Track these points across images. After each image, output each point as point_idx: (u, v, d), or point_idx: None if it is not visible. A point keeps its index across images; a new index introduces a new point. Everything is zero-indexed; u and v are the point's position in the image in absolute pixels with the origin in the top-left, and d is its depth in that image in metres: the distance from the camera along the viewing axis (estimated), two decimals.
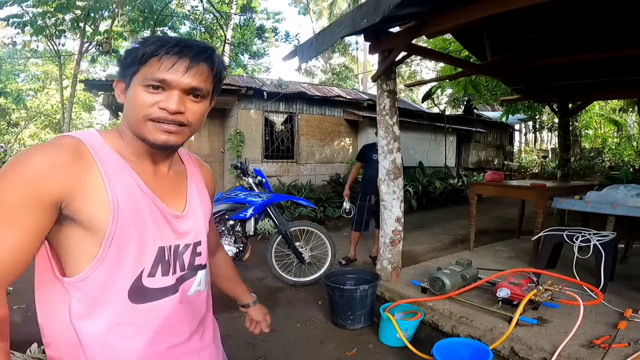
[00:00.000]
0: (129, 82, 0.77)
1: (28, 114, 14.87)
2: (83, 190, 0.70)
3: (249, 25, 13.73)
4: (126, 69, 0.77)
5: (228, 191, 3.81)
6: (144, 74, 0.74)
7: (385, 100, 3.37)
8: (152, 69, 0.74)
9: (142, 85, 0.75)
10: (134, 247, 0.76)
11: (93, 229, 0.72)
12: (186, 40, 0.78)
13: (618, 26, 3.48)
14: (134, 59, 0.75)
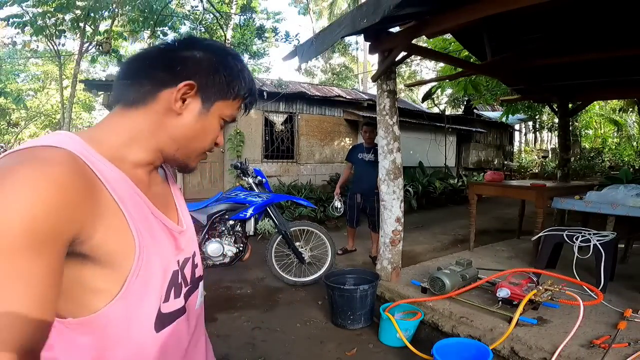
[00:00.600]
0: (211, 105, 0.69)
1: (28, 114, 14.89)
2: (99, 219, 0.57)
3: (249, 25, 13.73)
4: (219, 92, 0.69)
5: (228, 191, 3.81)
6: (230, 107, 0.71)
7: (385, 100, 3.37)
8: (234, 106, 0.72)
9: (220, 117, 0.70)
10: (158, 277, 0.66)
11: (114, 264, 0.59)
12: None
13: (618, 26, 3.48)
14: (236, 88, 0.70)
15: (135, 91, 0.66)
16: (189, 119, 0.68)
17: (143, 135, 0.66)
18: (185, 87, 0.65)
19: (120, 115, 0.67)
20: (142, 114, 0.66)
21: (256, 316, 3.18)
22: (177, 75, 0.66)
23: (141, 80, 0.66)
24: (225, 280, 4.02)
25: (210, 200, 3.64)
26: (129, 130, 0.66)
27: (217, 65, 0.68)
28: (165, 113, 0.66)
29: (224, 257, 3.55)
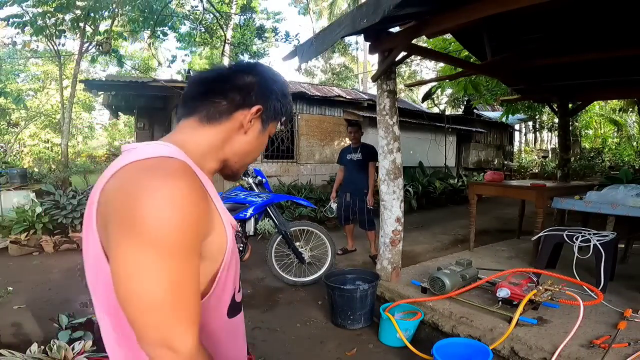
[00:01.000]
0: (267, 125, 0.83)
1: (28, 114, 14.87)
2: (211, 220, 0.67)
3: (249, 25, 13.73)
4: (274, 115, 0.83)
5: (228, 191, 3.81)
6: (276, 126, 0.86)
7: (385, 100, 3.37)
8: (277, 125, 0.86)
9: (267, 134, 0.85)
10: (235, 268, 0.77)
11: (212, 259, 0.69)
12: None
13: (618, 26, 3.48)
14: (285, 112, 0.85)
15: (212, 109, 0.77)
16: (252, 137, 0.82)
17: (216, 147, 0.78)
18: (256, 111, 0.79)
19: (196, 128, 0.77)
20: (217, 129, 0.78)
21: (256, 316, 3.17)
22: (249, 99, 0.79)
23: (219, 100, 0.78)
24: None
25: None
26: (207, 142, 0.77)
27: (278, 93, 0.83)
28: (236, 131, 0.80)
29: None
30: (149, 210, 0.58)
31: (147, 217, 0.58)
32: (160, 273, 0.59)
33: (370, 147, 4.55)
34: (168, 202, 0.59)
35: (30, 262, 4.55)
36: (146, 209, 0.58)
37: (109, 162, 17.41)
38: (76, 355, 2.07)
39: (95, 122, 23.05)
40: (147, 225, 0.58)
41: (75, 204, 5.35)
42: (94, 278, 0.69)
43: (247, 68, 0.82)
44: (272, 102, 0.82)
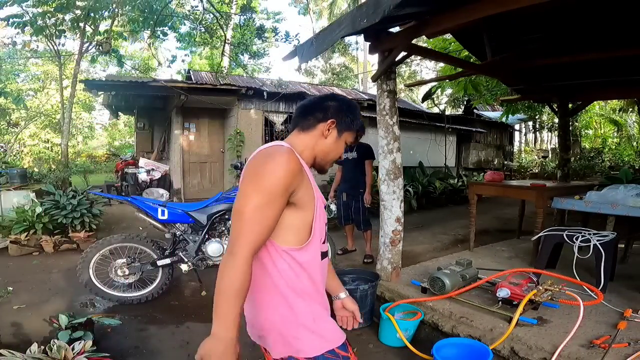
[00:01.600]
0: (342, 134, 1.23)
1: (28, 114, 14.87)
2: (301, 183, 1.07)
3: (249, 25, 13.73)
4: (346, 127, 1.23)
5: (228, 191, 3.81)
6: (350, 136, 1.25)
7: (385, 100, 3.37)
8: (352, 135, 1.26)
9: (344, 141, 1.25)
10: (323, 222, 1.18)
11: (306, 207, 1.11)
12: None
13: (618, 26, 3.48)
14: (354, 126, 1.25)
15: (307, 123, 1.21)
16: (330, 141, 1.22)
17: (309, 147, 1.20)
18: (331, 122, 1.20)
19: (299, 135, 1.22)
20: (309, 136, 1.21)
21: None
22: (327, 115, 1.20)
23: (309, 117, 1.21)
24: None
25: (210, 200, 3.64)
26: (304, 144, 1.20)
27: (347, 112, 1.23)
28: (319, 137, 1.21)
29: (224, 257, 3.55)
30: (265, 167, 1.03)
31: (262, 170, 1.03)
32: (251, 201, 1.00)
33: (366, 145, 4.55)
34: (276, 164, 1.03)
35: (30, 262, 4.55)
36: (263, 167, 1.03)
37: (109, 162, 17.41)
38: (76, 355, 2.07)
39: (95, 122, 23.08)
40: (260, 174, 1.02)
41: (75, 204, 5.35)
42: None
43: (327, 97, 1.25)
44: (343, 117, 1.22)
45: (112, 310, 3.24)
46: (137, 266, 3.38)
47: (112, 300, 3.33)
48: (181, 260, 3.46)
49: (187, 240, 3.53)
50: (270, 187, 1.00)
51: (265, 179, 1.01)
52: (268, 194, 1.00)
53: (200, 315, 3.17)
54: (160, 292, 3.46)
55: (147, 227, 4.47)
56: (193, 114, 8.67)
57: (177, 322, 3.03)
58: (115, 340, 2.72)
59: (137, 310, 3.24)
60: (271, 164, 1.02)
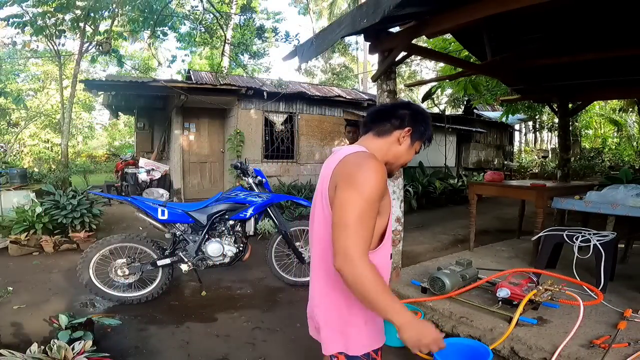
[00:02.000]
0: (414, 142, 1.30)
1: (28, 114, 14.87)
2: (386, 189, 1.17)
3: (249, 25, 13.73)
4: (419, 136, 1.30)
5: (228, 191, 3.81)
6: (418, 145, 1.33)
7: (385, 100, 3.37)
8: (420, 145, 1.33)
9: (414, 149, 1.32)
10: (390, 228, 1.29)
11: (384, 213, 1.20)
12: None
13: (618, 26, 3.47)
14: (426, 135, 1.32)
15: (383, 129, 1.29)
16: (403, 148, 1.29)
17: (383, 152, 1.27)
18: (407, 130, 1.27)
19: (373, 140, 1.29)
20: (384, 141, 1.28)
21: (256, 316, 3.17)
22: (404, 123, 1.28)
23: (385, 123, 1.29)
24: (225, 280, 4.02)
25: (210, 200, 3.64)
26: (379, 148, 1.27)
27: (422, 122, 1.30)
28: (394, 143, 1.28)
29: (224, 257, 3.55)
30: (364, 175, 1.09)
31: (360, 178, 1.08)
32: (357, 211, 1.06)
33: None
34: (372, 172, 1.09)
35: (30, 262, 4.55)
36: (360, 174, 1.09)
37: (109, 162, 17.38)
38: (76, 355, 2.07)
39: (95, 122, 23.07)
40: (359, 182, 1.08)
41: (75, 204, 5.35)
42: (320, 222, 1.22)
43: (403, 105, 1.33)
44: (418, 127, 1.29)
45: (112, 310, 3.24)
46: (137, 266, 3.38)
47: (112, 300, 3.33)
48: (181, 260, 3.46)
49: (187, 240, 3.53)
50: (370, 194, 1.07)
51: (364, 187, 1.07)
52: (368, 201, 1.07)
53: (200, 315, 3.17)
54: (160, 292, 3.46)
55: (147, 227, 4.47)
56: (193, 114, 8.67)
57: (177, 322, 3.03)
58: (115, 340, 2.72)
59: (137, 310, 3.24)
60: (368, 171, 1.09)
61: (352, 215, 1.05)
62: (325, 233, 1.18)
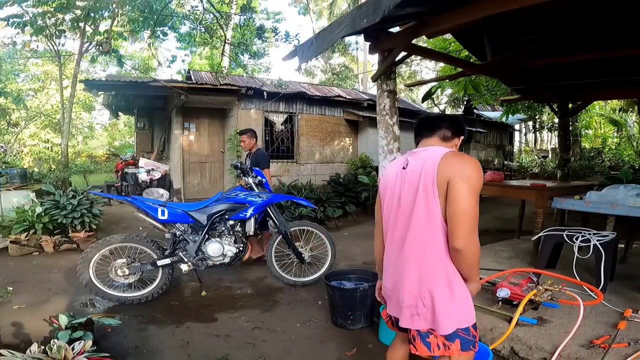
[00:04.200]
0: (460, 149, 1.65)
1: (28, 114, 14.87)
2: None
3: (249, 25, 13.72)
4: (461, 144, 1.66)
5: (228, 191, 3.81)
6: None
7: (385, 100, 3.37)
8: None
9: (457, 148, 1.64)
10: None
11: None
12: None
13: (618, 26, 3.47)
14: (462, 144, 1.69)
15: (448, 135, 1.61)
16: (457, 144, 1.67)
17: None
18: (462, 139, 1.64)
19: (442, 143, 1.60)
20: (446, 145, 1.59)
21: (256, 316, 3.18)
22: (459, 132, 1.64)
23: (450, 130, 1.61)
24: (225, 280, 4.02)
25: (210, 200, 3.64)
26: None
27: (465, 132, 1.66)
28: (453, 147, 1.59)
29: (224, 257, 3.55)
30: (472, 171, 1.39)
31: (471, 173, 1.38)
32: (473, 201, 1.37)
33: (258, 154, 4.44)
34: (478, 168, 1.41)
35: (30, 262, 4.55)
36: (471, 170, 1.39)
37: (109, 162, 17.37)
38: (76, 355, 2.07)
39: (95, 122, 23.07)
40: (471, 178, 1.38)
41: (75, 204, 5.35)
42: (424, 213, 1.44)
43: (456, 117, 1.70)
44: (464, 136, 1.66)
45: (112, 310, 3.23)
46: (137, 266, 3.38)
47: (112, 300, 3.33)
48: (181, 260, 3.46)
49: (187, 240, 3.53)
50: (478, 188, 1.40)
51: (476, 182, 1.38)
52: (478, 193, 1.40)
53: (200, 315, 3.17)
54: (160, 292, 3.46)
55: (147, 227, 4.47)
56: (193, 114, 8.67)
57: (177, 322, 3.03)
58: (115, 340, 2.72)
59: (137, 310, 3.24)
60: (476, 170, 1.40)
61: (470, 205, 1.35)
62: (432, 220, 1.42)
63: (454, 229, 1.36)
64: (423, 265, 1.46)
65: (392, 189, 1.60)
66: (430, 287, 1.44)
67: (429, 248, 1.45)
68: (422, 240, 1.46)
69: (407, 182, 1.51)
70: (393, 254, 1.59)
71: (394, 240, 1.58)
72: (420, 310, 1.46)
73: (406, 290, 1.50)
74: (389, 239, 1.62)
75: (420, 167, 1.46)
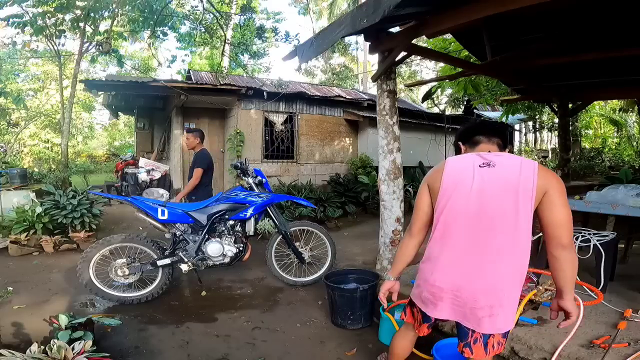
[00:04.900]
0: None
1: (28, 114, 14.87)
2: None
3: (249, 25, 13.73)
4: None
5: (228, 191, 3.81)
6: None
7: (385, 100, 3.37)
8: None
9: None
10: None
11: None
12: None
13: (618, 26, 3.47)
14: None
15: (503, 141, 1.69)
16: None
17: None
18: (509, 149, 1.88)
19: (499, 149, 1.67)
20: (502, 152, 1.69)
21: (256, 316, 3.18)
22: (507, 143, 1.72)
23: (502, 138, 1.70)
24: (225, 280, 4.02)
25: (210, 200, 3.64)
26: None
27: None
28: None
29: (224, 257, 3.55)
30: (564, 186, 1.49)
31: (564, 188, 1.49)
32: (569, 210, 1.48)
33: (199, 154, 4.36)
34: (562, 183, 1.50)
35: (30, 262, 4.55)
36: (563, 186, 1.49)
37: (109, 162, 17.35)
38: (76, 355, 2.07)
39: (95, 122, 23.08)
40: (565, 192, 1.48)
41: (75, 204, 5.35)
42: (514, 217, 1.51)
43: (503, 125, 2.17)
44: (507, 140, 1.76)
45: (112, 310, 3.24)
46: (137, 266, 3.38)
47: (112, 300, 3.33)
48: (181, 260, 3.46)
49: (187, 240, 3.53)
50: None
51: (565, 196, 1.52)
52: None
53: (200, 315, 3.17)
54: (160, 292, 3.46)
55: (147, 227, 4.47)
56: (193, 114, 8.67)
57: (177, 322, 3.03)
58: (115, 340, 2.72)
59: (137, 310, 3.24)
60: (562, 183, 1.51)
61: (570, 214, 1.48)
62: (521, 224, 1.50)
63: (560, 233, 1.46)
64: (508, 267, 1.50)
65: (466, 184, 1.52)
66: (507, 288, 1.50)
67: (516, 250, 1.51)
68: (508, 242, 1.50)
69: (490, 181, 1.50)
70: (458, 251, 1.54)
71: (462, 237, 1.53)
72: (495, 311, 1.48)
73: (483, 291, 1.49)
74: (454, 235, 1.54)
75: (514, 172, 1.48)
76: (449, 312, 1.57)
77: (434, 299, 1.60)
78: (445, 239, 1.57)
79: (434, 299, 1.59)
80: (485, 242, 1.50)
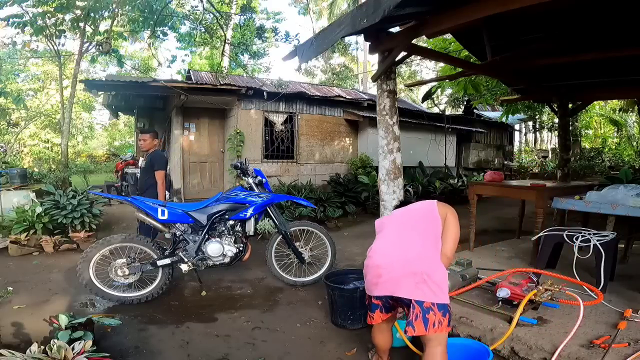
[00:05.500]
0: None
1: (28, 114, 14.87)
2: None
3: (249, 25, 13.74)
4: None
5: (228, 191, 3.81)
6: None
7: (385, 100, 3.37)
8: None
9: None
10: None
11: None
12: None
13: (618, 26, 3.47)
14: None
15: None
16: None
17: None
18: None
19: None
20: None
21: (256, 316, 3.18)
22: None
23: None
24: (225, 280, 4.02)
25: (210, 200, 3.64)
26: None
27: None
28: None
29: (224, 257, 3.55)
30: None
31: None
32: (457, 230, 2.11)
33: (153, 155, 4.27)
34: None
35: (30, 262, 4.56)
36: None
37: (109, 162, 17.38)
38: (76, 355, 2.07)
39: (95, 122, 23.08)
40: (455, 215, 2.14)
41: (75, 204, 5.35)
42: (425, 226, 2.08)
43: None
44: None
45: (112, 310, 3.24)
46: (137, 266, 3.38)
47: (112, 300, 3.33)
48: (181, 260, 3.46)
49: (187, 240, 3.53)
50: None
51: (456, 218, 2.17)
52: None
53: (200, 315, 3.17)
54: (160, 292, 3.46)
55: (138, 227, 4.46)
56: (193, 114, 8.67)
57: (177, 322, 3.03)
58: (115, 340, 2.72)
59: (137, 310, 3.24)
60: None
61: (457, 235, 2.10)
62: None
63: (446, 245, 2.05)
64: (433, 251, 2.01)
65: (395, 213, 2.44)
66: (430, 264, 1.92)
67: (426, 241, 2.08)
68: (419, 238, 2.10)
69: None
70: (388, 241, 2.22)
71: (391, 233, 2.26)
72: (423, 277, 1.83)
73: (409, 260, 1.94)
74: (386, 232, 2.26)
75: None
76: (389, 287, 1.91)
77: (376, 279, 1.97)
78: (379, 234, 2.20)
79: (376, 278, 1.97)
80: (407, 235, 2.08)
